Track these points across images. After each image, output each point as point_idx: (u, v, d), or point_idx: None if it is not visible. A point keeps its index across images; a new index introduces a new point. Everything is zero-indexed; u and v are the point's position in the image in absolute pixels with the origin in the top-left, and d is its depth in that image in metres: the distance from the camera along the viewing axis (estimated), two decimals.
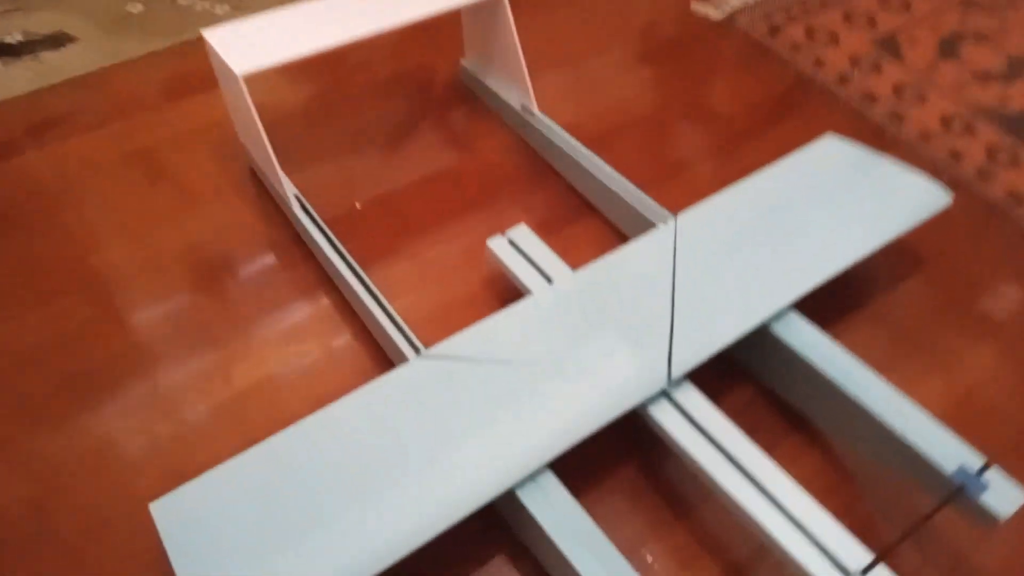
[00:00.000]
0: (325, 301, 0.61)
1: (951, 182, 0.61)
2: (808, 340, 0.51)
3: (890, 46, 0.87)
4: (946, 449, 0.46)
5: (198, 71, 0.78)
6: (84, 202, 0.67)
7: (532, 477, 0.44)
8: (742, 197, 0.60)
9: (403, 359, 0.51)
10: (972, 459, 0.45)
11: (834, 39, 0.88)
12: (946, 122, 0.78)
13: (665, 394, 0.48)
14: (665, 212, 0.59)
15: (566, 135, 0.68)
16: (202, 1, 0.88)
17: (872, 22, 0.90)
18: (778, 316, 0.52)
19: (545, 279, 0.55)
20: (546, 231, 0.61)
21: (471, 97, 0.78)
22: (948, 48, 0.87)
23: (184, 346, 0.57)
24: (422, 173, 0.71)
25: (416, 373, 0.48)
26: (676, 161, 0.73)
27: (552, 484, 0.44)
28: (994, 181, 0.72)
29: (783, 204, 0.59)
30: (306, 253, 0.63)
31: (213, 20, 0.85)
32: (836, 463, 0.52)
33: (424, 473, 0.43)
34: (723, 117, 0.78)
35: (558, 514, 0.43)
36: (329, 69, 0.81)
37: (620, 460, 0.52)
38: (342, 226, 0.65)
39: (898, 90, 0.81)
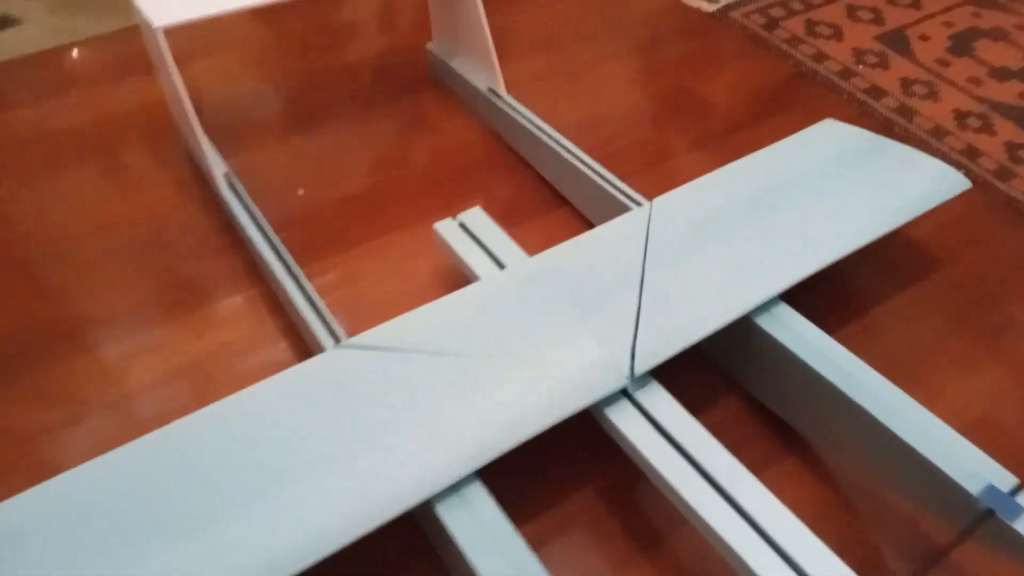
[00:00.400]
0: (252, 292, 0.53)
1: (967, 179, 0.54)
2: (800, 334, 0.43)
3: (898, 41, 0.80)
4: (971, 466, 0.37)
5: (145, 53, 0.72)
6: (5, 180, 0.60)
7: (456, 488, 0.36)
8: (727, 180, 0.52)
9: (322, 350, 0.43)
10: (1003, 478, 0.37)
11: (837, 33, 0.81)
12: (961, 118, 0.71)
13: (626, 394, 0.40)
14: (646, 202, 0.52)
15: (536, 119, 0.61)
16: None
17: (878, 18, 0.84)
18: (764, 308, 0.44)
19: (497, 265, 0.48)
20: (509, 222, 0.54)
21: (437, 84, 0.72)
22: (961, 45, 0.80)
23: (88, 335, 0.50)
24: (376, 159, 0.64)
25: (330, 364, 0.40)
26: (660, 151, 0.66)
27: (479, 497, 0.36)
28: (1016, 179, 0.64)
29: (774, 187, 0.51)
30: (236, 241, 0.56)
31: None
32: (835, 487, 0.44)
33: (324, 478, 0.35)
34: (715, 108, 0.71)
35: (483, 534, 0.34)
36: (285, 53, 0.75)
37: (576, 479, 0.44)
38: (281, 212, 0.58)
39: (907, 84, 0.74)
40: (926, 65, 0.77)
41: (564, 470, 0.44)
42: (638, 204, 0.52)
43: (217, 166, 0.55)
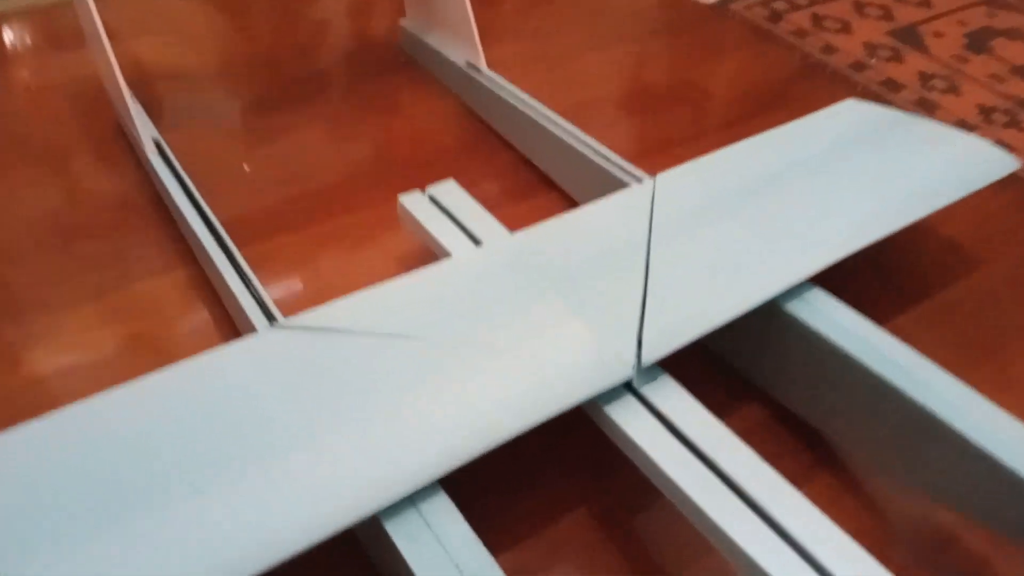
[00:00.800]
0: (179, 274, 0.45)
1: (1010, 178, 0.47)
2: (839, 321, 0.35)
3: (910, 37, 0.74)
4: None
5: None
6: None
7: (412, 501, 0.27)
8: (742, 157, 0.45)
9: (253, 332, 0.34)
10: None
11: (846, 27, 0.75)
12: (986, 112, 0.64)
13: (630, 389, 0.32)
14: (648, 178, 0.44)
15: (520, 93, 0.54)
16: None
17: (888, 14, 0.78)
18: (795, 293, 0.37)
19: (473, 242, 0.40)
20: (489, 206, 0.45)
21: (411, 65, 0.64)
22: (977, 42, 0.74)
23: None
24: (339, 139, 0.56)
25: (259, 346, 0.32)
26: (657, 141, 0.59)
27: (443, 514, 0.27)
28: None
29: (796, 164, 0.44)
30: (165, 217, 0.48)
31: None
32: (881, 507, 0.36)
33: (233, 487, 0.26)
34: (717, 97, 0.64)
35: (446, 561, 0.26)
36: (243, 35, 0.68)
37: (568, 496, 0.36)
38: (220, 187, 0.49)
39: (925, 78, 0.68)
40: (943, 60, 0.71)
41: (553, 485, 0.36)
42: (639, 182, 0.44)
43: (146, 129, 0.47)
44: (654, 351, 0.32)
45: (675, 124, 0.61)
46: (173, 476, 0.27)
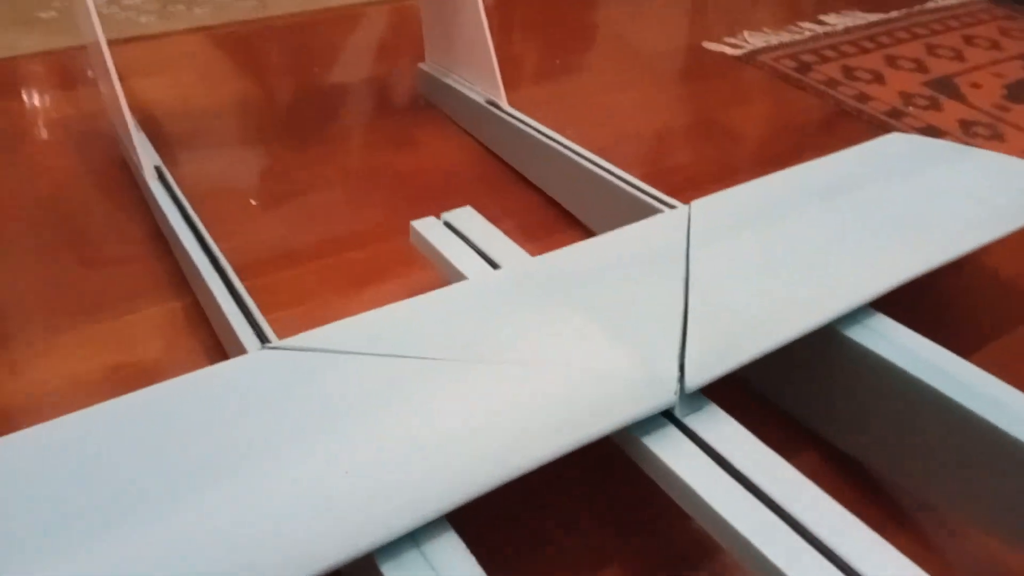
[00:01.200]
0: (175, 304, 0.41)
1: None
2: (910, 349, 0.31)
3: (947, 87, 0.72)
4: None
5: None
6: None
7: (415, 539, 0.23)
8: (783, 184, 0.42)
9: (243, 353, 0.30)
10: None
11: (878, 78, 0.73)
12: None
13: (671, 419, 0.28)
14: (682, 205, 0.41)
15: (542, 127, 0.51)
16: (125, 11, 0.74)
17: (921, 67, 0.76)
18: (855, 318, 0.32)
19: (490, 265, 0.36)
20: None
21: (428, 107, 0.62)
22: (1018, 92, 0.71)
23: None
24: (350, 175, 0.53)
25: (249, 368, 0.28)
26: (688, 180, 0.56)
27: (451, 555, 0.22)
28: None
29: (843, 190, 0.40)
30: (164, 249, 0.44)
31: (135, 27, 0.72)
32: (970, 561, 0.31)
33: (213, 515, 0.22)
34: (748, 139, 0.61)
35: None
36: (257, 75, 0.66)
37: (602, 555, 0.31)
38: (223, 220, 0.46)
39: (967, 125, 0.65)
40: (984, 109, 0.68)
41: (582, 535, 0.31)
42: (672, 209, 0.41)
43: (147, 156, 0.45)
44: (700, 374, 0.28)
45: (706, 163, 0.57)
46: (149, 494, 0.22)
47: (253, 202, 0.49)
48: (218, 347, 0.38)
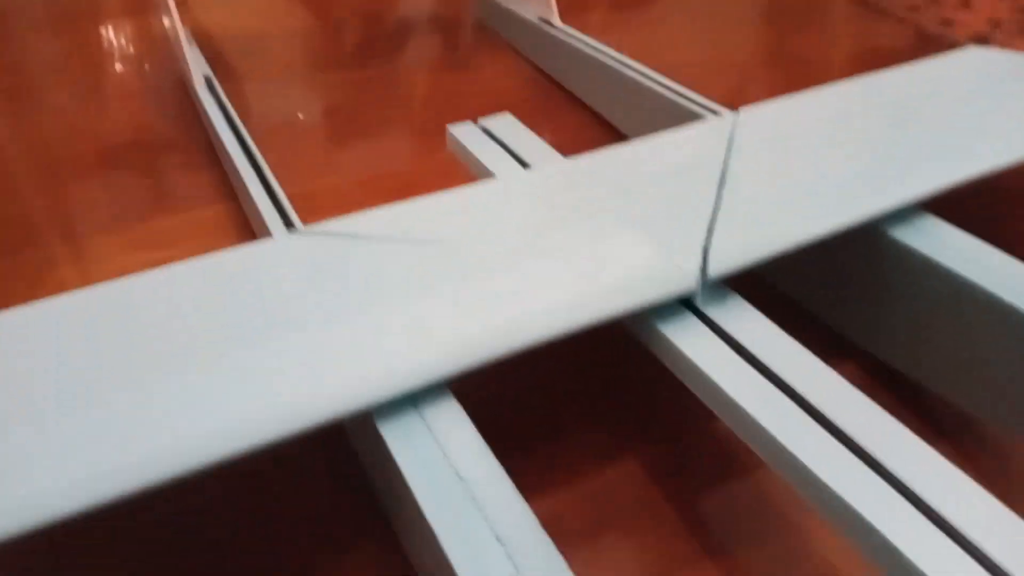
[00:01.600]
0: (219, 207, 0.42)
1: None
2: (961, 248, 0.29)
3: None
4: None
5: None
6: None
7: (414, 401, 0.22)
8: (840, 95, 0.39)
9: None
10: None
11: (965, 3, 0.68)
12: None
13: (692, 309, 0.27)
14: (730, 113, 0.39)
15: (595, 43, 0.50)
16: None
17: None
18: (903, 217, 0.30)
19: (521, 166, 0.35)
20: None
21: (481, 28, 0.61)
22: None
23: (13, 237, 0.40)
24: (398, 95, 0.53)
25: (275, 250, 0.28)
26: (751, 100, 0.53)
27: (448, 414, 0.22)
28: None
29: (906, 101, 0.38)
30: (213, 159, 0.45)
31: None
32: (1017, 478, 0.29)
33: (235, 367, 0.22)
34: (820, 68, 0.58)
35: (447, 457, 0.21)
36: (311, 3, 0.66)
37: (614, 449, 0.30)
38: (269, 134, 0.47)
39: None
40: None
41: (595, 428, 0.30)
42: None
43: (198, 67, 0.45)
44: (723, 263, 0.27)
45: (772, 88, 0.55)
46: (179, 353, 0.23)
47: (301, 115, 0.50)
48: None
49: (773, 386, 0.24)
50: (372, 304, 0.25)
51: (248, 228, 0.40)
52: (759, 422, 0.23)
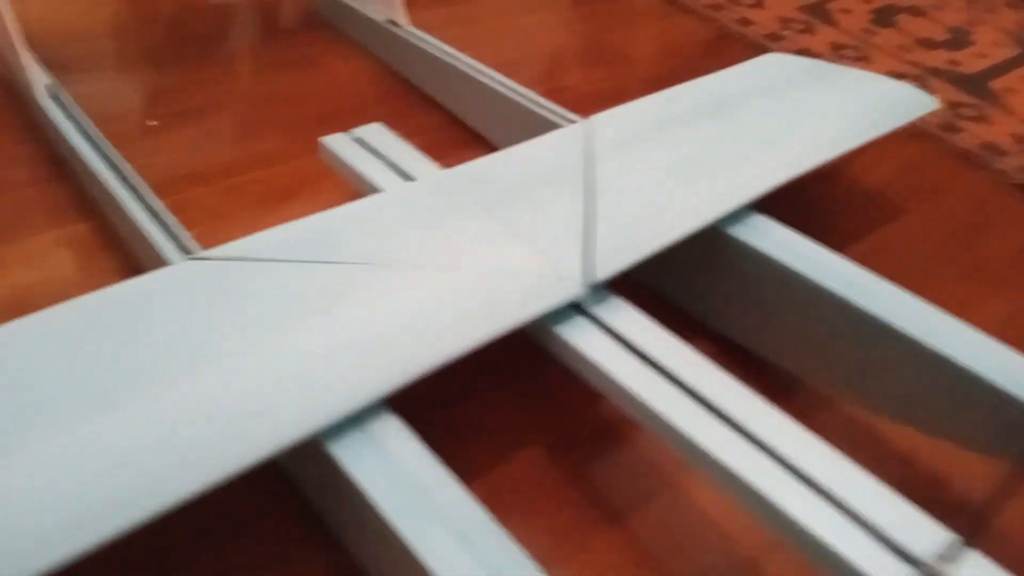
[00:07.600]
0: (79, 227, 0.40)
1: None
2: (784, 241, 0.35)
3: (820, 13, 0.76)
4: None
5: None
6: None
7: (357, 421, 0.25)
8: (672, 99, 0.44)
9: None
10: None
11: (759, 3, 0.76)
12: (897, 78, 0.66)
13: (581, 311, 0.30)
14: (582, 120, 0.43)
15: (444, 46, 0.52)
16: None
17: None
18: (738, 218, 0.36)
19: (404, 178, 0.37)
20: None
21: (326, 26, 0.61)
22: (884, 18, 0.77)
23: None
24: (250, 96, 0.53)
25: (176, 277, 0.29)
26: (581, 98, 0.58)
27: (393, 433, 0.25)
28: (962, 133, 0.60)
29: (727, 104, 0.44)
30: (59, 173, 0.43)
31: None
32: (845, 431, 0.35)
33: (156, 408, 0.23)
34: (638, 60, 0.64)
35: (399, 476, 0.23)
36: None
37: (519, 432, 0.33)
38: (124, 137, 0.45)
39: (837, 48, 0.70)
40: (853, 33, 0.73)
41: (504, 420, 0.33)
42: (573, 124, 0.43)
43: (38, 77, 0.43)
44: (601, 269, 0.31)
45: (598, 82, 0.60)
46: (83, 399, 0.23)
47: (151, 123, 0.48)
48: (130, 267, 0.38)
49: (650, 368, 0.29)
50: (296, 329, 0.26)
51: (111, 245, 0.39)
52: (640, 397, 0.27)
